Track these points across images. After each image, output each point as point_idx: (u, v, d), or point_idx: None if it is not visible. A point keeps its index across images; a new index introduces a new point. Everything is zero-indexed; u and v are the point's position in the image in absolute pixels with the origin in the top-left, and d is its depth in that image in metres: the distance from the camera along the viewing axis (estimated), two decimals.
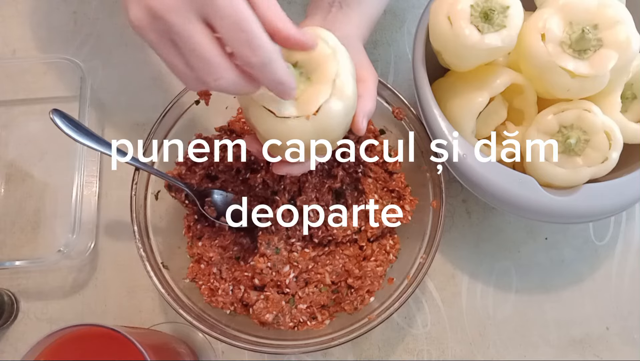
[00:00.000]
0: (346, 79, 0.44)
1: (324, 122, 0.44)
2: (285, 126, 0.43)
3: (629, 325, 0.63)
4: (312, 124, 0.43)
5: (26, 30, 0.74)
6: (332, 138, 0.46)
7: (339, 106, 0.44)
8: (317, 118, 0.43)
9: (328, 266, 0.60)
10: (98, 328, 0.45)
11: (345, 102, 0.44)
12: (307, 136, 0.44)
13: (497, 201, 0.53)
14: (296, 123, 0.43)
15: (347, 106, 0.45)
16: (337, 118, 0.44)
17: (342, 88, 0.44)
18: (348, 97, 0.44)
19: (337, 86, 0.44)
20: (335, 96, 0.44)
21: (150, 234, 0.57)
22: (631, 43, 0.49)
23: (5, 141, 0.69)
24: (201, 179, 0.61)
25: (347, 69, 0.45)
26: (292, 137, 0.44)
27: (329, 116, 0.44)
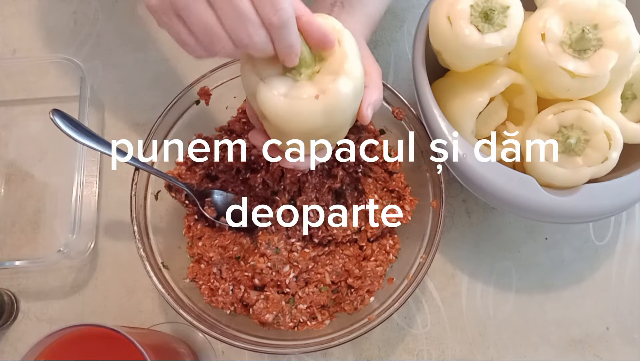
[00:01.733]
0: (354, 61, 0.44)
1: (334, 101, 0.43)
2: (296, 107, 0.43)
3: (629, 325, 0.63)
4: (322, 103, 0.43)
5: (26, 30, 0.74)
6: (341, 121, 0.46)
7: (349, 86, 0.43)
8: (327, 97, 0.43)
9: (328, 266, 0.60)
10: (98, 328, 0.45)
11: (354, 83, 0.44)
12: (318, 118, 0.43)
13: (497, 201, 0.53)
14: (306, 102, 0.43)
15: (356, 87, 0.44)
16: (347, 98, 0.44)
17: (352, 69, 0.44)
18: (357, 78, 0.44)
19: (346, 66, 0.43)
20: (345, 76, 0.43)
21: (150, 234, 0.57)
22: (631, 43, 0.49)
23: (5, 141, 0.69)
24: (201, 179, 0.61)
25: (354, 51, 0.45)
26: (303, 120, 0.43)
27: (339, 95, 0.43)
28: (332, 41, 0.43)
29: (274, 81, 0.43)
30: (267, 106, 0.43)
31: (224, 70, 0.60)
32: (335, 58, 0.44)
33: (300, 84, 0.44)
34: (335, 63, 0.44)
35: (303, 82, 0.44)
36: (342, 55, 0.44)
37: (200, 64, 0.69)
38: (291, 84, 0.44)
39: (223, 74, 0.61)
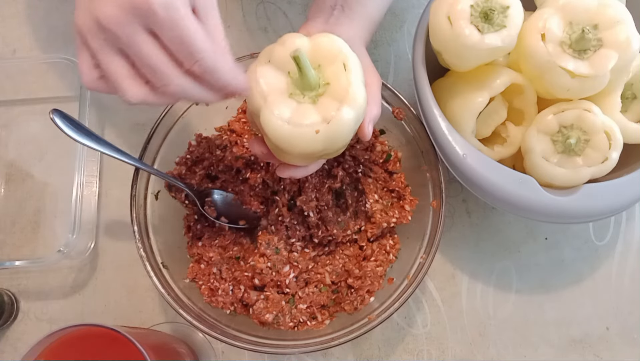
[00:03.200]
0: (358, 87, 0.44)
1: (336, 130, 0.43)
2: (298, 133, 0.43)
3: (629, 325, 0.63)
4: (325, 132, 0.43)
5: (26, 30, 0.74)
6: (340, 145, 0.46)
7: (351, 115, 0.44)
8: (330, 127, 0.43)
9: (328, 266, 0.60)
10: (98, 328, 0.45)
11: (357, 111, 0.44)
12: (318, 144, 0.44)
13: (497, 201, 0.53)
14: (309, 131, 0.43)
15: (358, 114, 0.45)
16: (349, 126, 0.44)
17: (355, 97, 0.44)
18: (360, 106, 0.44)
19: (351, 95, 0.43)
20: (348, 105, 0.43)
21: (150, 234, 0.57)
22: (631, 43, 0.49)
23: (5, 141, 0.69)
24: (201, 179, 0.61)
25: (359, 77, 0.45)
26: (304, 145, 0.44)
27: (341, 124, 0.43)
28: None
29: (277, 103, 0.44)
30: (270, 130, 0.44)
31: None
32: (340, 83, 0.44)
33: (303, 109, 0.44)
34: (340, 89, 0.44)
35: (306, 105, 0.44)
36: (346, 81, 0.44)
37: None
38: (294, 108, 0.44)
39: None
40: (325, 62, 0.44)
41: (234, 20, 0.74)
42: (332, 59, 0.44)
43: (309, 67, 0.43)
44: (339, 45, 0.45)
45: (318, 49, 0.44)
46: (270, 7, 0.74)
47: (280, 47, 0.45)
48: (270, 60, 0.45)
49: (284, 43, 0.45)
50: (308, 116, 0.43)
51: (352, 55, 0.45)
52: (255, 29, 0.74)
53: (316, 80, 0.44)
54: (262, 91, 0.44)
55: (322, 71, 0.44)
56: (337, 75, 0.44)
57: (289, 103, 0.44)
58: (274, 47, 0.45)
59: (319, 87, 0.44)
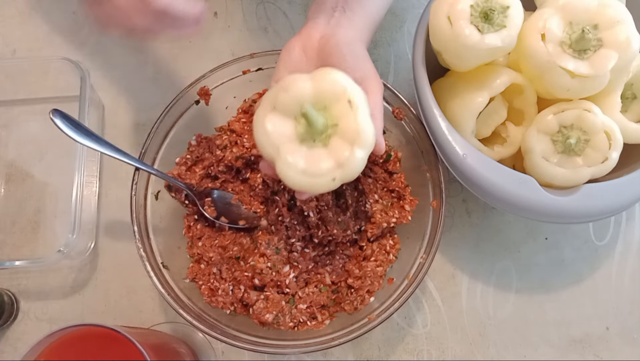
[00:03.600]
0: (367, 124, 0.44)
1: (350, 171, 0.45)
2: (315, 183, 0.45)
3: (629, 325, 0.63)
4: (340, 176, 0.45)
5: (26, 30, 0.74)
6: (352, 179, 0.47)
7: (362, 154, 0.44)
8: (345, 170, 0.44)
9: (328, 266, 0.60)
10: (98, 328, 0.45)
11: (368, 149, 0.45)
12: (333, 187, 0.46)
13: (497, 201, 0.53)
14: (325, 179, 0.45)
15: (369, 150, 0.45)
16: (362, 164, 0.45)
17: (365, 137, 0.44)
18: (370, 144, 0.45)
19: (361, 135, 0.44)
20: (359, 146, 0.44)
21: (150, 234, 0.57)
22: (631, 43, 0.49)
23: (5, 141, 0.69)
24: (201, 179, 0.61)
25: (365, 111, 0.45)
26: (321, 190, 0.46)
27: (354, 165, 0.44)
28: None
29: (290, 152, 0.45)
30: (288, 181, 0.45)
31: (224, 70, 0.60)
32: (348, 123, 0.44)
33: (316, 156, 0.45)
34: (349, 130, 0.44)
35: (318, 151, 0.45)
36: (354, 121, 0.44)
37: (200, 64, 0.69)
38: (307, 155, 0.45)
39: (223, 74, 0.61)
40: (330, 102, 0.45)
41: (234, 20, 0.74)
42: (337, 98, 0.44)
43: (317, 119, 0.43)
44: (342, 83, 0.45)
45: (322, 90, 0.45)
46: (270, 7, 0.74)
47: (284, 93, 0.45)
48: (275, 107, 0.45)
49: (288, 90, 0.45)
50: (322, 162, 0.44)
51: (356, 90, 0.45)
52: (255, 29, 0.74)
53: (325, 125, 0.44)
54: (274, 142, 0.45)
55: (328, 110, 0.45)
56: (344, 114, 0.44)
57: (302, 150, 0.45)
58: (278, 94, 0.45)
59: (328, 129, 0.45)
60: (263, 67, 0.61)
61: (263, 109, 0.46)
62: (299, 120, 0.45)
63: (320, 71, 0.46)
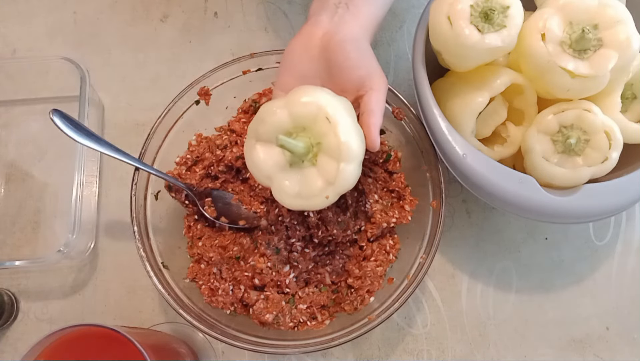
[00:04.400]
0: (348, 137, 0.45)
1: (342, 185, 0.46)
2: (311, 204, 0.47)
3: (629, 325, 0.63)
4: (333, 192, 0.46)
5: (26, 30, 0.74)
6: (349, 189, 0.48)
7: (350, 167, 0.46)
8: (336, 186, 0.46)
9: (328, 266, 0.60)
10: (98, 328, 0.45)
11: (355, 160, 0.46)
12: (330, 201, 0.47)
13: (497, 201, 0.53)
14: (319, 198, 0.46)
15: (358, 161, 0.47)
16: (352, 176, 0.46)
17: (348, 151, 0.45)
18: (356, 155, 0.46)
19: (343, 151, 0.45)
20: (345, 161, 0.45)
21: (150, 234, 0.57)
22: (631, 43, 0.49)
23: (5, 141, 0.69)
24: (201, 179, 0.61)
25: (345, 123, 0.45)
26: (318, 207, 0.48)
27: (344, 179, 0.46)
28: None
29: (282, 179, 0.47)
30: (285, 204, 0.48)
31: (224, 70, 0.60)
32: (329, 141, 0.45)
33: (307, 177, 0.47)
34: (332, 147, 0.45)
35: (309, 170, 0.47)
36: (335, 138, 0.45)
37: (200, 64, 0.69)
38: (299, 178, 0.47)
39: (223, 74, 0.61)
40: (309, 123, 0.46)
41: (234, 20, 0.74)
42: (314, 118, 0.46)
43: (296, 146, 0.45)
44: (316, 103, 0.45)
45: (297, 114, 0.46)
46: (270, 7, 0.74)
47: (262, 125, 0.47)
48: (258, 138, 0.48)
49: (264, 121, 0.47)
50: (313, 183, 0.46)
51: (333, 104, 0.46)
52: (255, 29, 0.74)
53: (308, 147, 0.46)
54: (264, 172, 0.48)
55: (309, 130, 0.46)
56: (324, 132, 0.46)
57: (293, 175, 0.47)
58: (257, 126, 0.47)
59: (311, 150, 0.46)
60: (263, 67, 0.61)
61: (249, 141, 0.49)
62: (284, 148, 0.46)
63: (293, 93, 0.47)
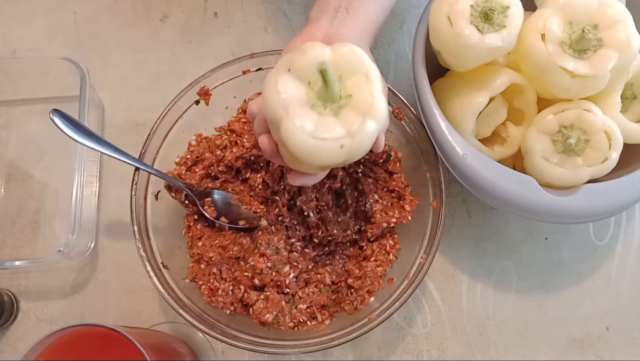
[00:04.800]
0: (381, 100, 0.43)
1: (359, 143, 0.43)
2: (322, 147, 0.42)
3: (629, 325, 0.63)
4: (349, 146, 0.42)
5: (26, 30, 0.74)
6: (358, 157, 0.45)
7: (374, 128, 0.43)
8: (354, 140, 0.42)
9: (328, 266, 0.60)
10: (98, 328, 0.45)
11: (379, 124, 0.43)
12: (341, 157, 0.43)
13: (497, 201, 0.53)
14: (334, 145, 0.42)
15: (380, 127, 0.44)
16: (371, 139, 0.43)
17: (378, 110, 0.43)
18: (382, 119, 0.44)
19: (374, 108, 0.43)
20: (372, 118, 0.42)
21: (150, 234, 0.57)
22: (631, 43, 0.49)
23: (5, 141, 0.69)
24: (201, 179, 0.61)
25: (380, 88, 0.44)
26: (326, 159, 0.43)
27: (364, 137, 0.43)
28: None
29: (299, 114, 0.43)
30: (292, 142, 0.43)
31: (224, 70, 0.60)
32: (362, 96, 0.43)
33: (326, 122, 0.43)
34: (363, 102, 0.43)
35: (329, 118, 0.43)
36: (370, 94, 0.43)
37: (200, 64, 0.69)
38: (317, 120, 0.43)
39: (223, 74, 0.61)
40: (346, 74, 0.44)
41: (234, 20, 0.74)
42: (354, 70, 0.43)
43: (334, 79, 0.42)
44: (360, 56, 0.44)
45: (340, 60, 0.43)
46: (270, 7, 0.74)
47: (301, 56, 0.43)
48: (290, 69, 0.44)
49: (306, 52, 0.43)
50: (331, 128, 0.42)
51: (374, 67, 0.44)
52: (255, 29, 0.74)
53: (339, 92, 0.43)
54: (283, 101, 0.43)
55: (343, 82, 0.44)
56: (359, 87, 0.43)
57: (311, 115, 0.43)
58: (295, 56, 0.44)
59: (341, 99, 0.43)
60: (263, 67, 0.61)
61: (277, 71, 0.44)
62: (313, 85, 0.43)
63: (340, 43, 0.45)
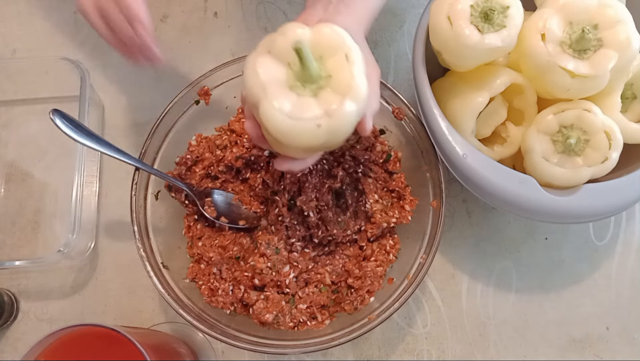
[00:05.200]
0: (361, 80, 0.43)
1: (338, 124, 0.42)
2: (299, 127, 0.42)
3: (629, 325, 0.63)
4: (327, 126, 0.42)
5: (26, 30, 0.74)
6: (342, 138, 0.46)
7: (353, 108, 0.42)
8: (332, 120, 0.42)
9: (328, 266, 0.60)
10: (98, 328, 0.45)
11: (359, 105, 0.43)
12: (320, 138, 0.43)
13: (497, 201, 0.53)
14: (311, 125, 0.42)
15: (360, 108, 0.44)
16: (351, 120, 0.43)
17: (358, 90, 0.43)
18: (362, 100, 0.43)
19: (353, 88, 0.42)
20: (351, 98, 0.42)
21: (150, 234, 0.57)
22: (631, 43, 0.49)
23: (5, 141, 0.69)
24: (201, 179, 0.61)
25: (361, 69, 0.44)
26: (305, 139, 0.43)
27: (343, 117, 0.42)
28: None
29: (277, 95, 0.42)
30: (270, 123, 0.43)
31: (224, 70, 0.60)
32: (342, 76, 0.43)
33: (304, 102, 0.43)
34: (343, 82, 0.42)
35: (307, 98, 0.43)
36: (349, 74, 0.43)
37: (200, 64, 0.69)
38: (295, 100, 0.43)
39: (223, 74, 0.61)
40: (327, 54, 0.43)
41: (234, 20, 0.74)
42: (334, 51, 0.43)
43: (310, 58, 0.42)
44: (341, 35, 0.44)
45: (320, 40, 0.43)
46: (270, 7, 0.74)
47: (280, 37, 0.43)
48: (270, 50, 0.44)
49: (285, 33, 0.43)
50: (309, 109, 0.42)
51: (355, 47, 0.44)
52: (255, 29, 0.74)
53: (318, 72, 0.43)
54: (262, 81, 0.42)
55: (323, 62, 0.43)
56: (339, 67, 0.43)
57: (290, 96, 0.42)
58: (275, 37, 0.44)
59: (320, 80, 0.43)
60: None
61: (257, 52, 0.44)
62: (293, 66, 0.43)
63: (321, 23, 0.44)
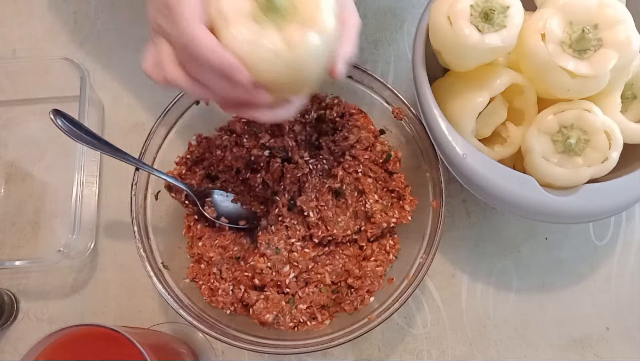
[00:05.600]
0: (328, 14, 0.42)
1: (300, 56, 0.41)
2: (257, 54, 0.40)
3: (629, 325, 0.63)
4: (288, 57, 0.41)
5: (26, 30, 0.74)
6: (307, 76, 0.43)
7: (317, 41, 0.41)
8: (293, 51, 0.41)
9: (328, 266, 0.60)
10: (98, 328, 0.45)
11: (324, 39, 0.42)
12: (280, 68, 0.41)
13: (497, 201, 0.53)
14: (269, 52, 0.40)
15: (327, 43, 0.42)
16: (315, 54, 0.42)
17: (323, 23, 0.41)
18: (329, 34, 0.42)
19: (318, 20, 0.41)
20: (315, 30, 0.41)
21: (150, 234, 0.57)
22: (631, 43, 0.49)
23: (5, 141, 0.69)
24: (201, 179, 0.61)
25: (329, 4, 0.42)
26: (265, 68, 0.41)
27: (306, 50, 0.41)
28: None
29: (237, 25, 0.41)
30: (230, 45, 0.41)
31: None
32: (307, 8, 0.41)
33: (266, 32, 0.41)
34: (307, 14, 0.41)
35: (269, 30, 0.41)
36: (315, 6, 0.41)
37: None
38: (256, 29, 0.41)
39: None
40: None
41: None
42: None
43: None
44: None
45: None
46: None
47: None
48: None
49: None
50: (269, 38, 0.40)
51: None
52: None
53: (282, 2, 0.41)
54: (223, 11, 0.41)
55: None
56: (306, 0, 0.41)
57: (252, 26, 0.41)
58: None
59: (285, 12, 0.41)
60: None
61: None
62: None
63: None
